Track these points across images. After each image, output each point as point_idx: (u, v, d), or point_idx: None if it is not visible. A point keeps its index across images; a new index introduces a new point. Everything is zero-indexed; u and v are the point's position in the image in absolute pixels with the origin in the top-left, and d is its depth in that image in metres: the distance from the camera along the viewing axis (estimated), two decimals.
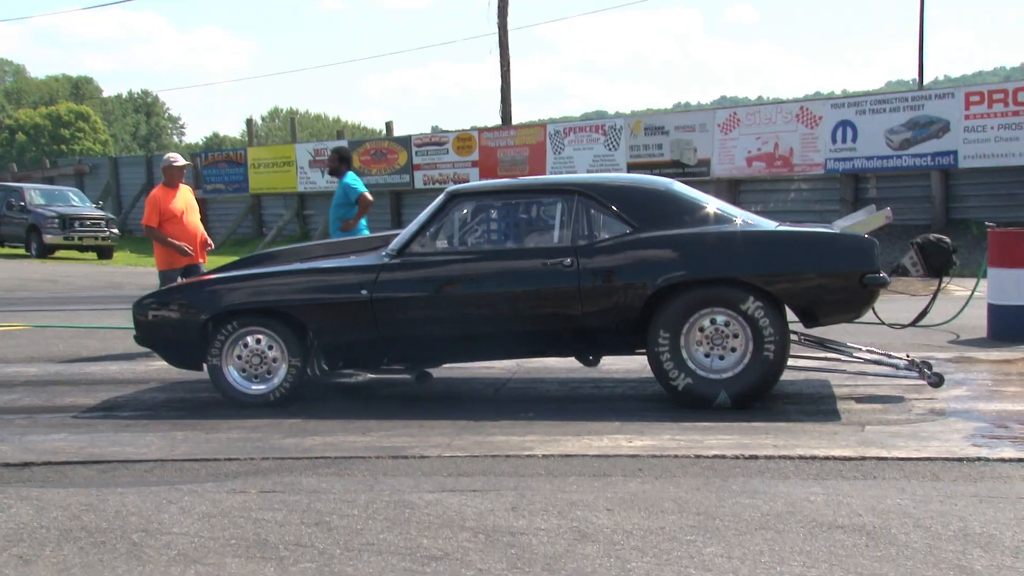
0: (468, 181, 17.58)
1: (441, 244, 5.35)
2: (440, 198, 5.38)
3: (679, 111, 26.87)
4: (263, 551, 3.01)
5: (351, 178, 8.00)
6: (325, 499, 3.52)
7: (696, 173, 16.42)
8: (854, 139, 15.17)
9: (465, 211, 5.38)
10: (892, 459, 3.83)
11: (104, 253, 20.71)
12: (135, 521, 3.33)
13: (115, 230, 21.22)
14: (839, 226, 5.44)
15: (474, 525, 3.18)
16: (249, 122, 27.31)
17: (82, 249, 20.68)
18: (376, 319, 5.14)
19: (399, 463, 4.03)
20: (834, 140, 15.38)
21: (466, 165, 19.60)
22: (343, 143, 22.10)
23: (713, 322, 4.84)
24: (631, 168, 17.11)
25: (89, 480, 3.94)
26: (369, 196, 7.95)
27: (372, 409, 5.24)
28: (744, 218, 5.19)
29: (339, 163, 8.02)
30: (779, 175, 16.17)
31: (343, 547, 3.02)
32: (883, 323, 5.49)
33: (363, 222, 7.91)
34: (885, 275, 4.80)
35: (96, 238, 20.53)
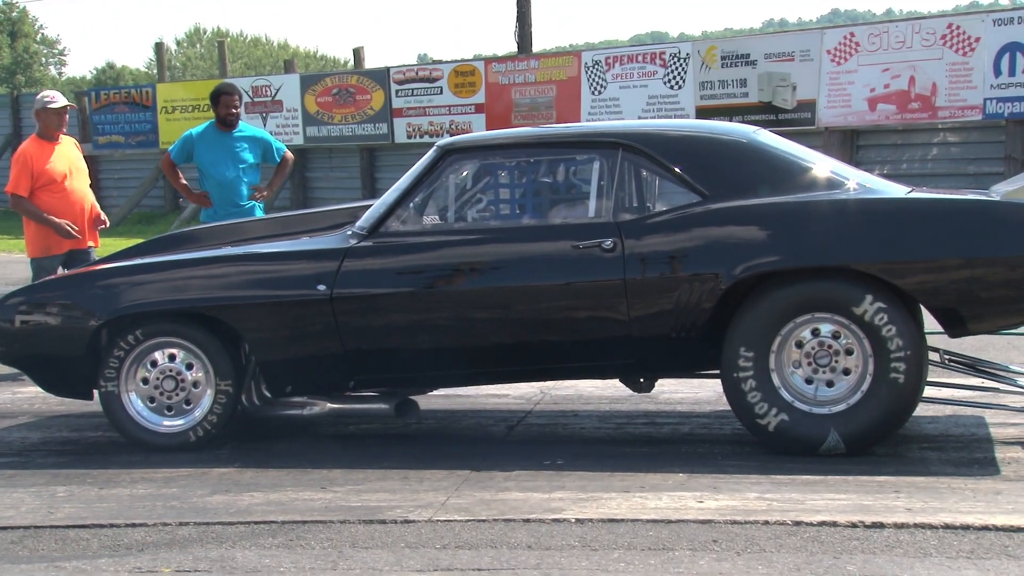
0: (469, 132, 17.63)
1: (431, 220, 5.39)
2: (430, 155, 5.41)
3: (771, 32, 26.80)
4: None
5: (259, 131, 8.15)
6: None
7: (795, 121, 16.37)
8: None
9: (465, 173, 5.42)
10: None
11: None
12: None
13: None
14: (1001, 192, 5.43)
15: None
16: (159, 47, 27.39)
17: None
18: (339, 326, 5.18)
19: (373, 530, 4.05)
20: (998, 72, 15.25)
21: (467, 110, 19.63)
22: (288, 77, 22.22)
23: (816, 333, 4.84)
24: (701, 113, 17.10)
25: None
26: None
27: (334, 454, 5.27)
28: (859, 181, 5.19)
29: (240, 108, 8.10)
30: (916, 123, 16.07)
31: None
32: None
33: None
34: None
35: None
